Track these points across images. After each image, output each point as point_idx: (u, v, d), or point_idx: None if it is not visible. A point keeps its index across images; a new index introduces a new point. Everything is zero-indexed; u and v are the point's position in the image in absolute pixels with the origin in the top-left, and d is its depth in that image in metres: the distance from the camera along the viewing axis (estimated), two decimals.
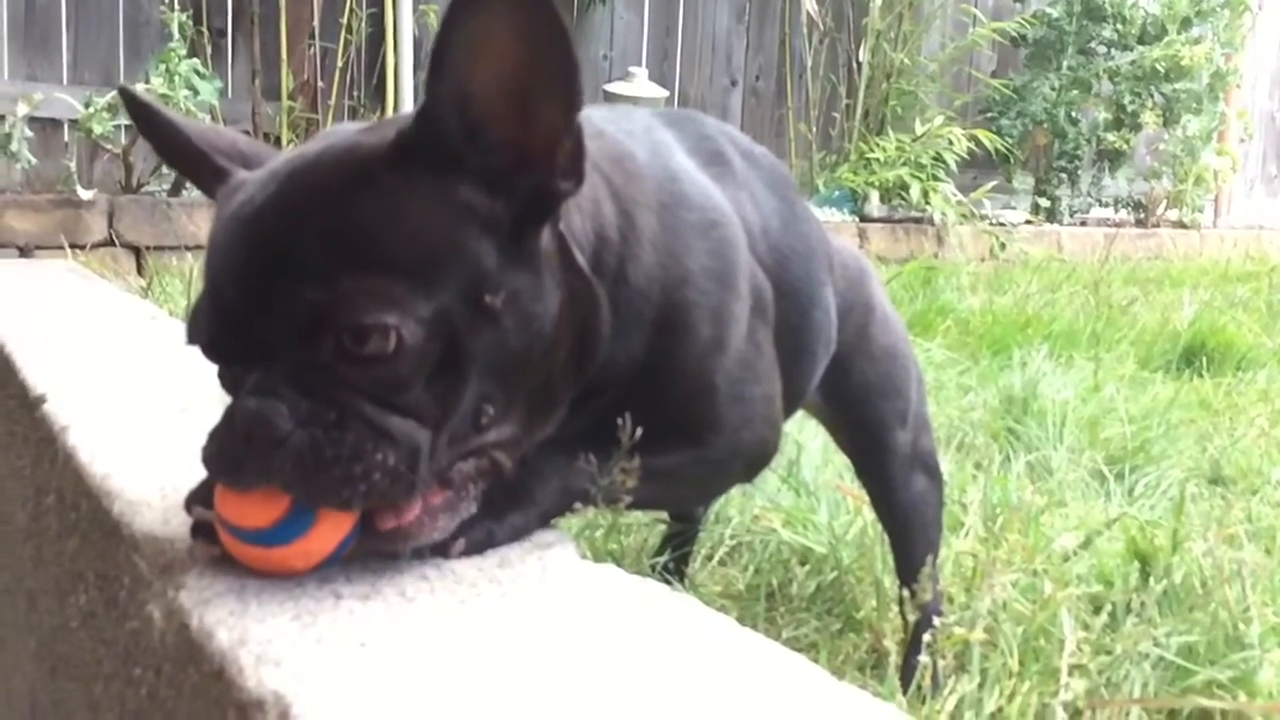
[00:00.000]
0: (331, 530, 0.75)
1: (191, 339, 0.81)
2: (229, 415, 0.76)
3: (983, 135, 6.06)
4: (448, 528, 0.79)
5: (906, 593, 1.33)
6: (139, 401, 1.24)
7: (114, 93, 4.11)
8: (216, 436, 0.76)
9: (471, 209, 0.78)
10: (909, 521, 1.52)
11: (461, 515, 0.80)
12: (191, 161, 0.91)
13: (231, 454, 0.75)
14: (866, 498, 1.63)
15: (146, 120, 0.94)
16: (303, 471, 0.73)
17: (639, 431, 0.89)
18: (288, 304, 0.74)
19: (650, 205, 0.96)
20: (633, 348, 0.93)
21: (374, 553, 0.77)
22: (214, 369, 0.83)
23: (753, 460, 1.07)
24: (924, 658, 1.25)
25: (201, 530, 0.79)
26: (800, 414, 1.58)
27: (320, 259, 0.75)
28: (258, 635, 0.66)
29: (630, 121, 1.07)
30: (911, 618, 1.27)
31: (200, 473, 0.79)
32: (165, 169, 4.21)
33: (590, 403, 0.92)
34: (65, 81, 4.67)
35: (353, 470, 0.73)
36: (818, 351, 1.28)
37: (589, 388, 0.91)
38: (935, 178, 5.89)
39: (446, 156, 0.78)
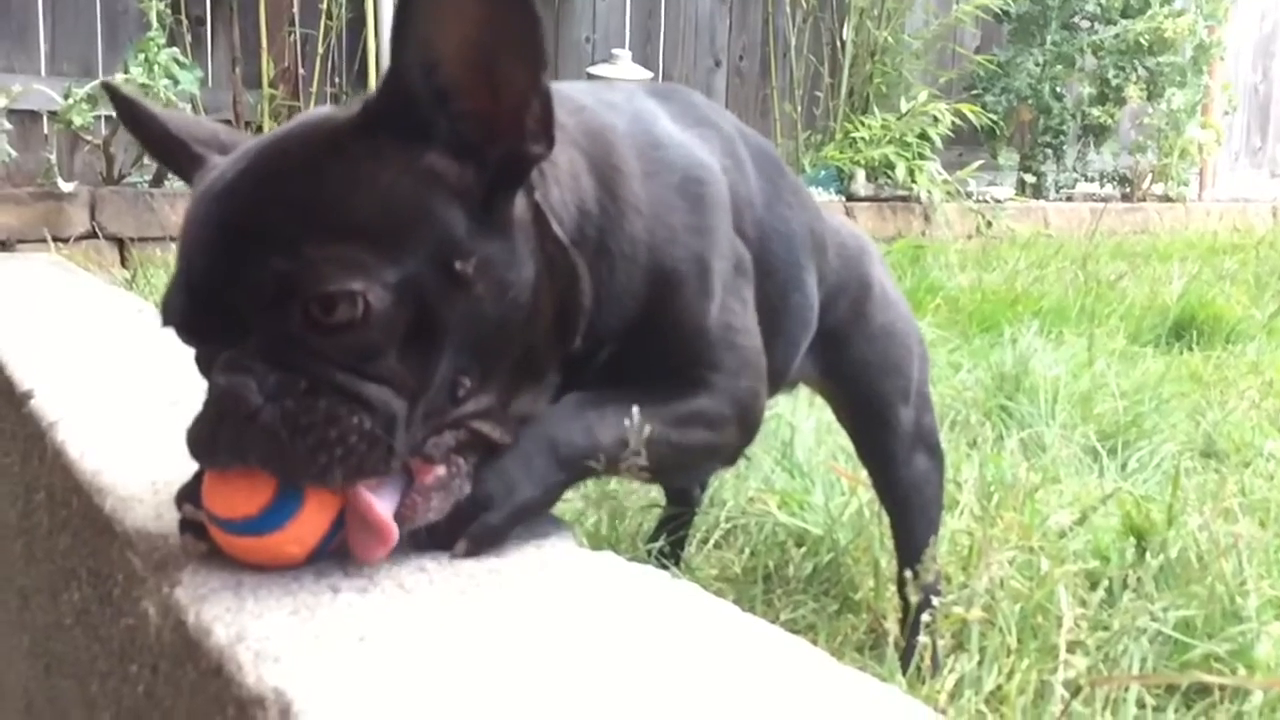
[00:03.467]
0: (321, 512, 0.74)
1: (166, 320, 0.80)
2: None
3: (967, 109, 6.05)
4: (442, 508, 0.78)
5: (908, 573, 1.33)
6: (128, 395, 1.23)
7: (94, 83, 4.07)
8: (197, 419, 0.76)
9: (439, 176, 0.78)
10: (910, 501, 1.51)
11: (456, 494, 0.79)
12: (171, 150, 0.93)
13: (207, 434, 0.74)
14: (861, 478, 1.62)
15: (129, 112, 0.95)
16: (277, 444, 0.72)
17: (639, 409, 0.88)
18: (254, 274, 0.73)
19: (633, 173, 0.95)
20: (625, 309, 0.93)
21: None
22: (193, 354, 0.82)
23: (747, 413, 1.04)
24: (923, 638, 1.25)
25: (190, 526, 0.78)
26: (793, 394, 1.58)
27: (286, 228, 0.74)
28: (255, 631, 0.66)
29: (612, 93, 1.06)
30: (913, 598, 1.27)
31: (191, 468, 0.79)
32: (146, 160, 4.18)
33: (587, 365, 0.91)
34: (43, 73, 4.62)
35: (327, 435, 0.72)
36: (795, 334, 1.27)
37: (583, 351, 0.90)
38: (921, 156, 5.88)
39: (414, 124, 0.78)
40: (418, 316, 0.75)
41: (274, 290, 0.73)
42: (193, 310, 0.78)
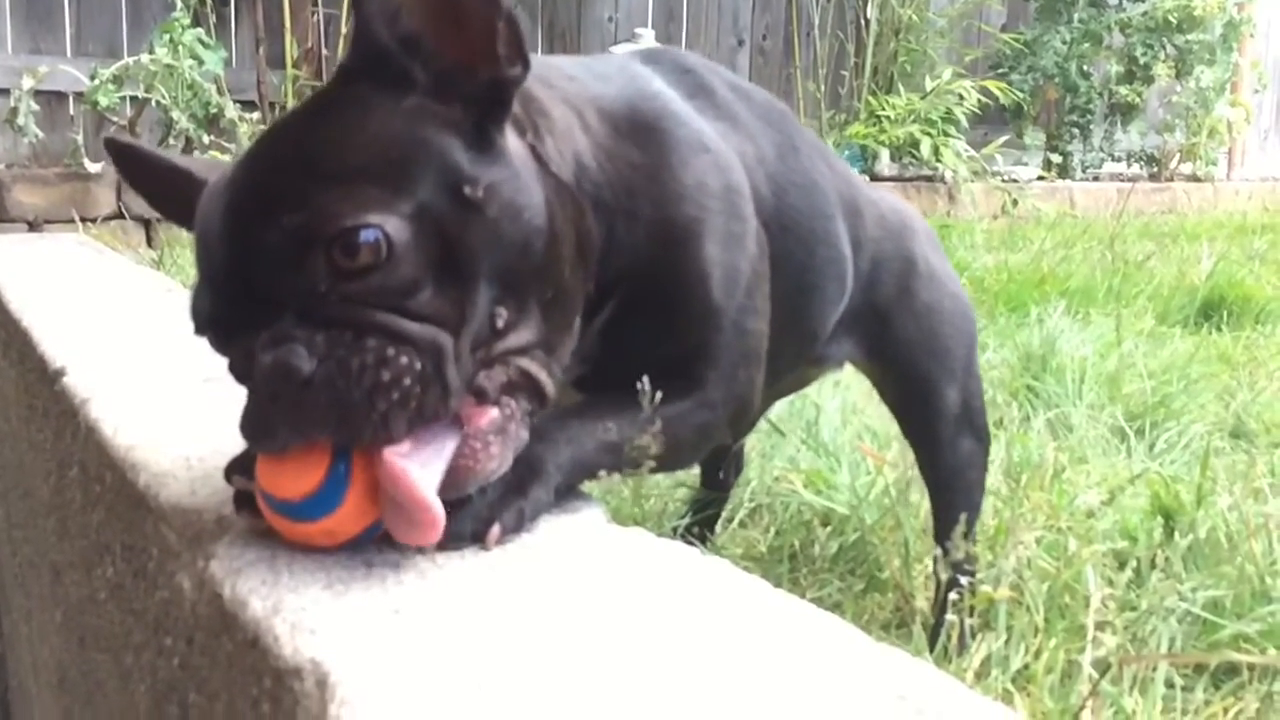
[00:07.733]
0: (359, 513, 0.73)
1: (198, 326, 0.80)
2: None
3: (993, 86, 6.00)
4: (504, 456, 0.76)
5: (938, 551, 1.33)
6: (159, 373, 1.24)
7: (119, 64, 4.09)
8: (248, 408, 0.74)
9: (428, 113, 0.78)
10: (953, 484, 1.50)
11: (515, 441, 0.78)
12: (175, 180, 0.95)
13: (264, 418, 0.73)
14: (887, 458, 1.62)
15: (128, 159, 1.00)
16: (336, 401, 0.70)
17: (645, 382, 0.88)
18: (269, 237, 0.73)
19: (625, 132, 0.95)
20: (621, 261, 0.92)
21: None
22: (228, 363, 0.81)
23: (739, 408, 1.02)
24: (951, 616, 1.25)
25: (244, 502, 0.77)
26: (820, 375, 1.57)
27: (289, 188, 0.74)
28: (291, 604, 0.66)
29: (604, 65, 1.05)
30: (943, 576, 1.27)
31: (226, 443, 0.79)
32: (172, 140, 4.19)
33: (595, 316, 0.91)
34: (69, 54, 4.65)
35: (380, 378, 0.71)
36: (828, 289, 1.24)
37: (595, 299, 0.90)
38: (946, 134, 5.84)
39: (392, 76, 0.78)
40: (442, 246, 0.75)
41: (292, 246, 0.72)
42: (222, 302, 0.77)
